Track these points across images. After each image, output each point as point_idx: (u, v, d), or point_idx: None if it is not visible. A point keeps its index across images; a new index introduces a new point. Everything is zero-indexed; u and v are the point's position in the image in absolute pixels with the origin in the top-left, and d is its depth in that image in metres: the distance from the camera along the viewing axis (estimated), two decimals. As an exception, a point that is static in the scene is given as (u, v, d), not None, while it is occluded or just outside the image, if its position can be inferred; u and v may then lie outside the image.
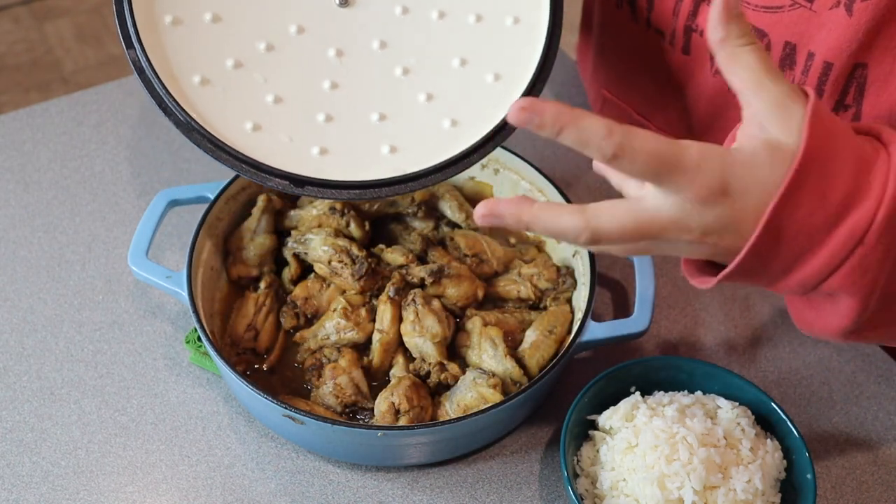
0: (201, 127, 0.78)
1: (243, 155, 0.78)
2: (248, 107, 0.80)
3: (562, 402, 0.91)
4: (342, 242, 0.91)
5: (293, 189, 0.79)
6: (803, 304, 0.60)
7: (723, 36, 0.56)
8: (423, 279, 0.90)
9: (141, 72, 0.77)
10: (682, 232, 0.56)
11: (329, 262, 0.91)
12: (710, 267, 0.64)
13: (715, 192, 0.54)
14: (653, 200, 0.56)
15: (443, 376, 0.86)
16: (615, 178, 0.67)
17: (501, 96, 0.82)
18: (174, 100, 0.77)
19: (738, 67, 0.57)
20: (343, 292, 0.91)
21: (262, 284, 0.92)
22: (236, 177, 0.94)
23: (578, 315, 0.88)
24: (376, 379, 0.89)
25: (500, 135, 0.81)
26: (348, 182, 0.79)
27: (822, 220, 0.53)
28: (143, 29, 0.77)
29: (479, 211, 0.59)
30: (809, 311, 0.60)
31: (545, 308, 0.93)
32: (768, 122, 0.56)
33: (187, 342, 0.91)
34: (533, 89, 0.82)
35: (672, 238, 0.57)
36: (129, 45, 0.77)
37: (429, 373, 0.87)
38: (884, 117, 0.83)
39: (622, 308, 0.98)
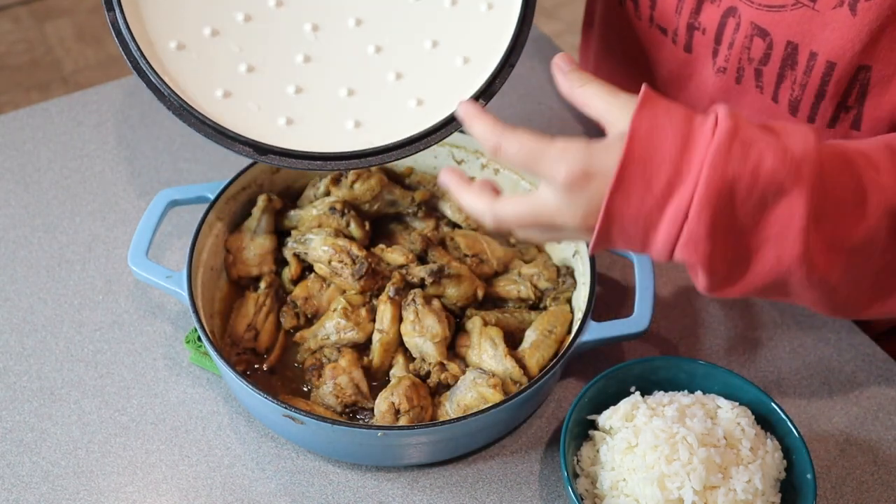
0: (171, 90, 0.80)
1: (209, 119, 0.80)
2: (220, 74, 0.83)
3: (562, 402, 0.91)
4: (342, 242, 0.91)
5: (256, 156, 0.81)
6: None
7: (568, 86, 0.68)
8: (423, 279, 0.90)
9: (118, 34, 0.80)
10: (567, 218, 0.65)
11: (329, 262, 0.91)
12: None
13: (579, 177, 0.63)
14: (542, 192, 0.66)
15: (443, 376, 0.86)
16: None
17: (468, 79, 0.84)
18: (148, 62, 0.79)
19: (588, 102, 0.67)
20: (343, 292, 0.91)
21: (262, 284, 0.92)
22: (236, 177, 0.94)
23: (578, 315, 0.88)
24: (376, 379, 0.89)
25: None
26: (310, 153, 0.81)
27: (652, 205, 0.62)
28: None
29: (441, 174, 0.72)
30: (691, 274, 0.68)
31: (545, 308, 0.93)
32: (621, 123, 0.64)
33: (187, 342, 0.91)
34: (499, 75, 0.84)
35: (562, 225, 0.66)
36: (110, 8, 0.80)
37: (429, 373, 0.87)
38: (884, 119, 0.83)
39: (622, 308, 0.98)
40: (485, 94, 0.83)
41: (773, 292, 0.68)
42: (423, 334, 0.87)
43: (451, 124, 0.82)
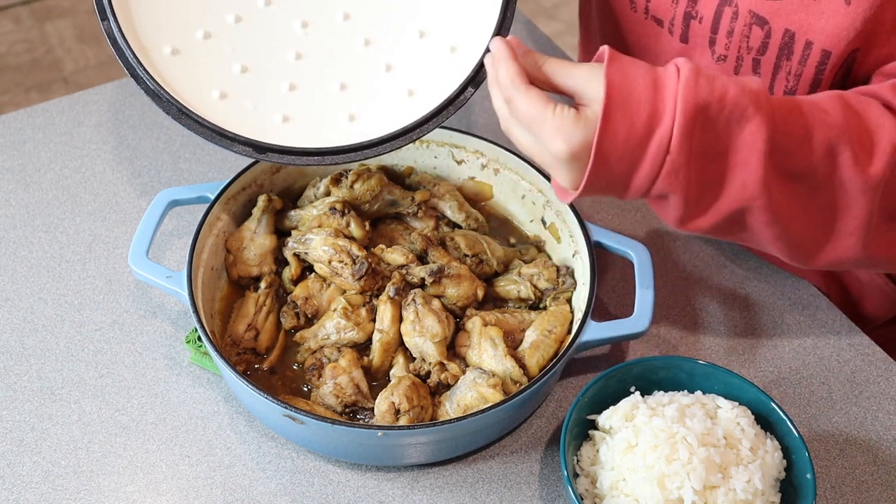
0: (168, 94, 0.81)
1: (208, 122, 0.81)
2: (215, 76, 0.84)
3: (562, 402, 0.91)
4: (342, 242, 0.91)
5: (255, 155, 0.82)
6: (654, 205, 0.75)
7: (530, 66, 0.73)
8: (423, 279, 0.90)
9: (114, 42, 0.81)
10: (560, 143, 0.71)
11: (329, 262, 0.91)
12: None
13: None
14: (558, 115, 0.71)
15: (443, 376, 0.86)
16: None
17: (457, 68, 0.85)
18: (144, 69, 0.80)
19: (553, 78, 0.73)
20: (343, 292, 0.91)
21: (263, 284, 0.92)
22: (236, 177, 0.94)
23: (578, 315, 0.88)
24: (376, 379, 0.89)
25: (454, 104, 0.84)
26: (307, 149, 0.83)
27: (636, 142, 0.69)
28: (116, 2, 0.81)
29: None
30: (659, 210, 0.75)
31: (545, 308, 0.93)
32: (592, 88, 0.70)
33: (187, 342, 0.91)
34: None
35: (553, 149, 0.71)
36: (104, 17, 0.80)
37: (429, 373, 0.87)
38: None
39: (622, 308, 0.98)
40: (473, 82, 0.84)
41: (736, 226, 0.75)
42: (423, 334, 0.87)
43: (442, 113, 0.83)
